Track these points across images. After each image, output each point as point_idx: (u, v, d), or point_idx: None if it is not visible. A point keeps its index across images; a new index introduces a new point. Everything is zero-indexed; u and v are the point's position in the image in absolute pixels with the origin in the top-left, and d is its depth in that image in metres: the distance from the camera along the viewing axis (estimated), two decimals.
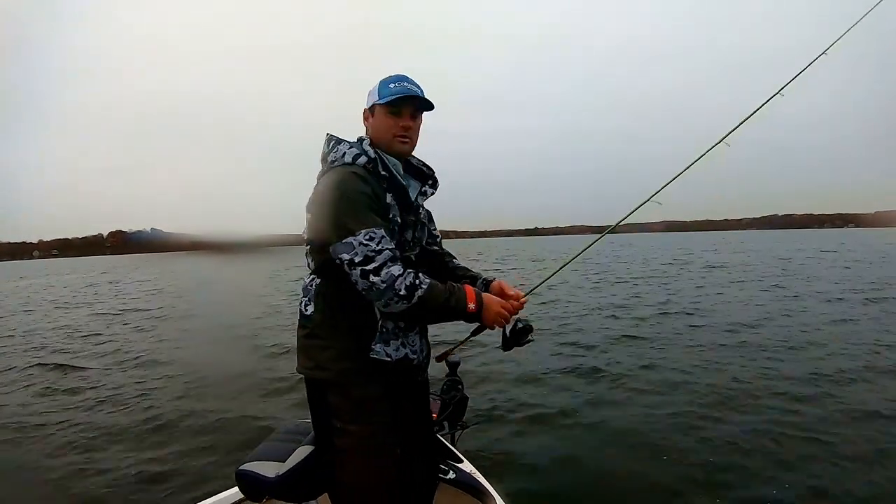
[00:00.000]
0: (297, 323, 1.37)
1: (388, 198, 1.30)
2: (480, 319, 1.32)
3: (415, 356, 1.36)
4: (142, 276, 24.86)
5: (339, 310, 1.29)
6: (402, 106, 1.32)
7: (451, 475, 1.83)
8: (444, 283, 1.30)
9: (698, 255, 26.00)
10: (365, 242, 1.18)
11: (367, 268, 1.18)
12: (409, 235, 1.38)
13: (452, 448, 1.96)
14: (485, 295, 1.33)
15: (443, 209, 1.62)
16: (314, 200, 1.31)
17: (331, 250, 1.22)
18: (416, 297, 1.20)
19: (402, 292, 1.19)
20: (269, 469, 1.40)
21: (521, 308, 1.40)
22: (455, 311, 1.27)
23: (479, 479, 1.85)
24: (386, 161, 1.32)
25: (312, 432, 1.41)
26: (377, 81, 1.35)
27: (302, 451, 1.41)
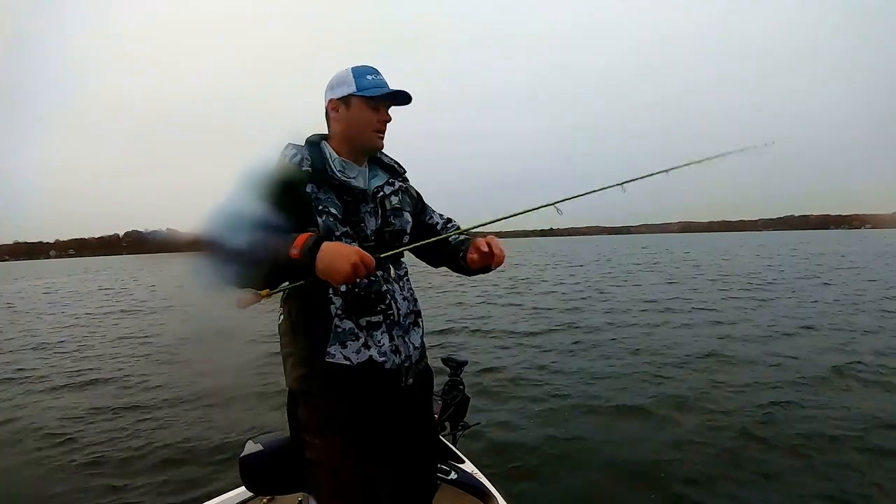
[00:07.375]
0: None
1: (309, 187, 1.17)
2: (312, 271, 0.99)
3: (384, 358, 1.20)
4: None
5: (297, 311, 1.19)
6: (382, 101, 1.24)
7: (453, 476, 1.83)
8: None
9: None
10: None
11: None
12: (371, 224, 1.24)
13: (454, 448, 1.96)
14: (331, 245, 1.00)
15: (456, 210, 1.58)
16: None
17: None
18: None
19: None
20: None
21: (375, 268, 1.04)
22: (276, 252, 1.00)
23: (481, 480, 1.85)
24: (322, 154, 1.22)
25: None
26: (343, 69, 1.25)
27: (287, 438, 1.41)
